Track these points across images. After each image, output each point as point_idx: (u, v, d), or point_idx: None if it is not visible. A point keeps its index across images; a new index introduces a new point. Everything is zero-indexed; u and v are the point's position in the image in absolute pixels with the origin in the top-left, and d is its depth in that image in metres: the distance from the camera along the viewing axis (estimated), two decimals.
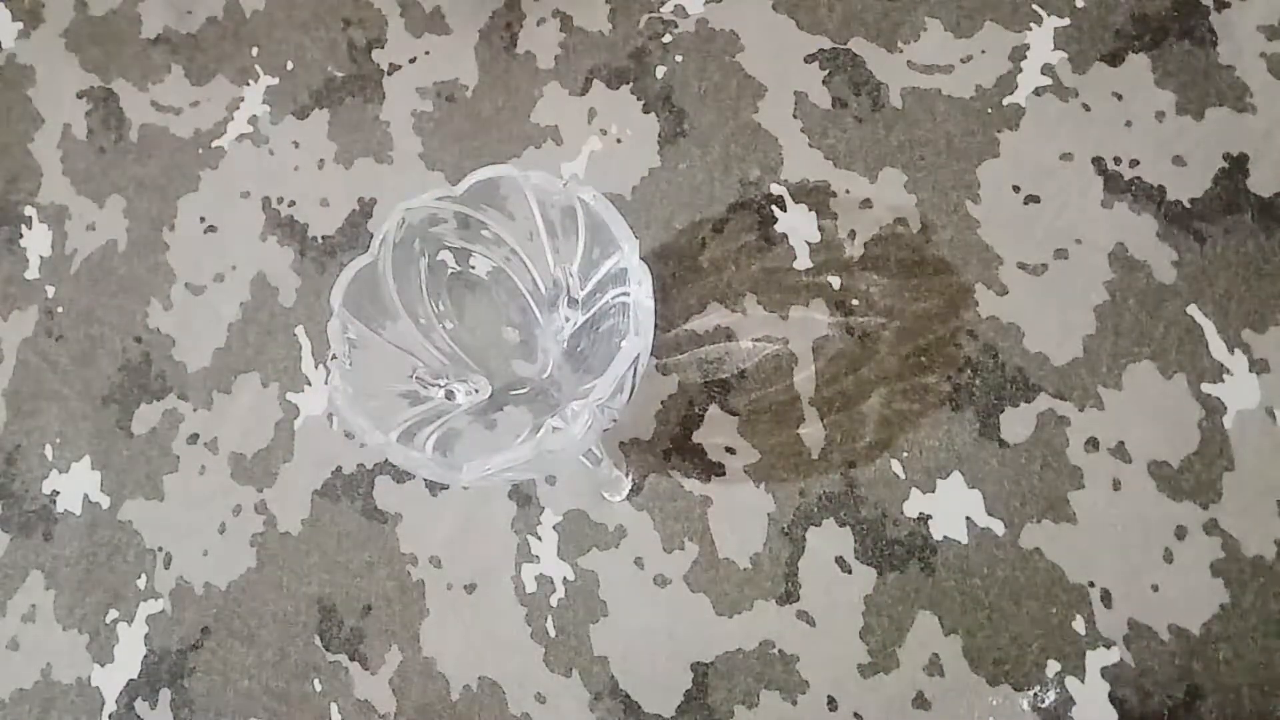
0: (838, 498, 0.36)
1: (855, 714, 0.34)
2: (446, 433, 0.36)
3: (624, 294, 0.34)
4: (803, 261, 0.39)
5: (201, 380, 0.44)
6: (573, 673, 0.37)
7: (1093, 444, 0.35)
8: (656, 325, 0.39)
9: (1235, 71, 0.37)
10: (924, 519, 0.35)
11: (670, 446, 0.38)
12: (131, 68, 0.51)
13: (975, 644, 0.34)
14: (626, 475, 0.38)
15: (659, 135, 0.42)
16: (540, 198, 0.35)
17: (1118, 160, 0.38)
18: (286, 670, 0.40)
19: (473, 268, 0.38)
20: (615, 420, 0.33)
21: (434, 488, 0.40)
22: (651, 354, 0.39)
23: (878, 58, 0.41)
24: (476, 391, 0.39)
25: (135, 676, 0.41)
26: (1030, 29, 0.40)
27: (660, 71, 0.43)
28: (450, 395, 0.38)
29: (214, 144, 0.48)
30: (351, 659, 0.39)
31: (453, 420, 0.37)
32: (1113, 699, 0.33)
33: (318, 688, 0.39)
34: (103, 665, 0.42)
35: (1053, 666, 0.33)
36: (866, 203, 0.39)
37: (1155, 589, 0.33)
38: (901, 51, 0.41)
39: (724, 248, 0.40)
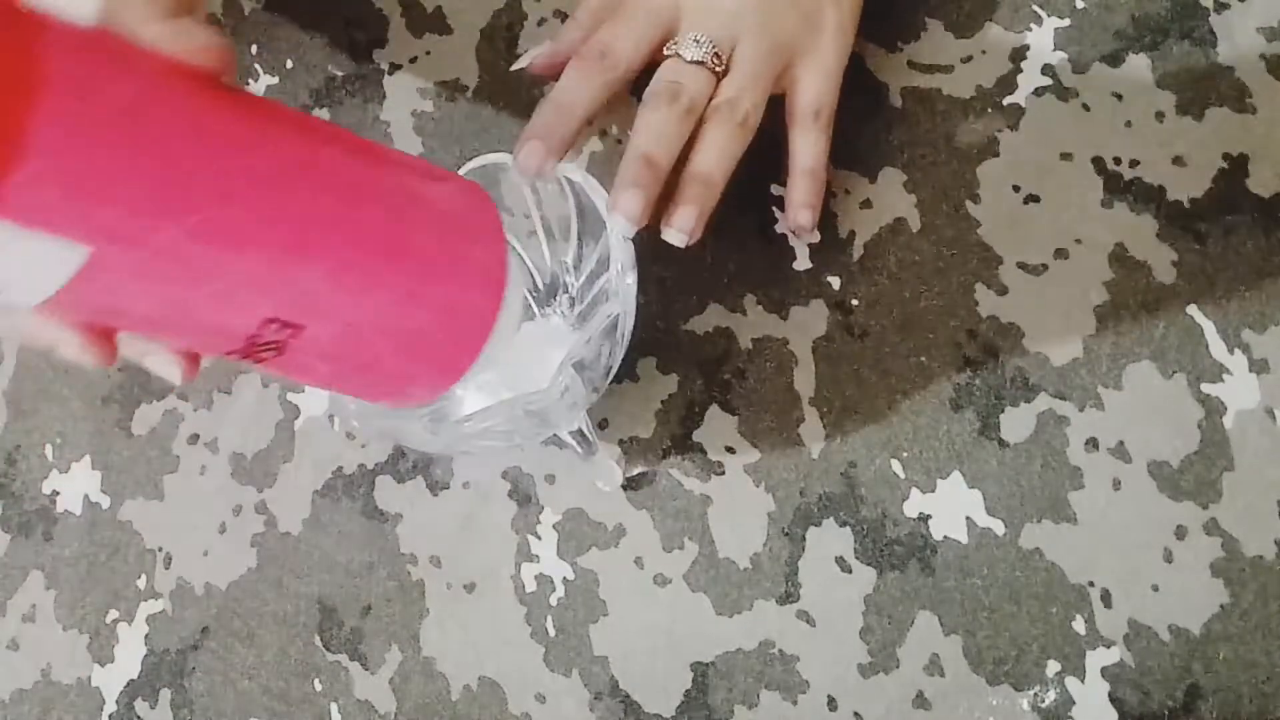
0: (838, 498, 0.36)
1: (855, 714, 0.34)
2: (436, 418, 0.36)
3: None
4: (803, 262, 0.39)
5: (201, 380, 0.44)
6: (573, 673, 0.37)
7: (1093, 444, 0.35)
8: (656, 325, 0.39)
9: (1235, 72, 0.37)
10: (924, 519, 0.35)
11: (670, 446, 0.38)
12: None
13: (975, 644, 0.34)
14: (619, 464, 0.38)
15: None
16: (535, 190, 0.36)
17: (1118, 160, 0.38)
18: (286, 670, 0.40)
19: None
20: (597, 390, 0.33)
21: (434, 487, 0.40)
22: (651, 354, 0.39)
23: (878, 58, 0.41)
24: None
25: (135, 676, 0.41)
26: (1030, 29, 0.40)
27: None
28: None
29: None
30: (351, 659, 0.39)
31: (445, 407, 0.37)
32: (1113, 699, 0.33)
33: (318, 688, 0.39)
34: (103, 665, 0.42)
35: (1053, 666, 0.33)
36: (866, 203, 0.39)
37: (1155, 589, 0.33)
38: (901, 51, 0.41)
39: (724, 248, 0.40)
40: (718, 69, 0.35)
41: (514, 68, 0.39)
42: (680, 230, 0.34)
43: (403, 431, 0.33)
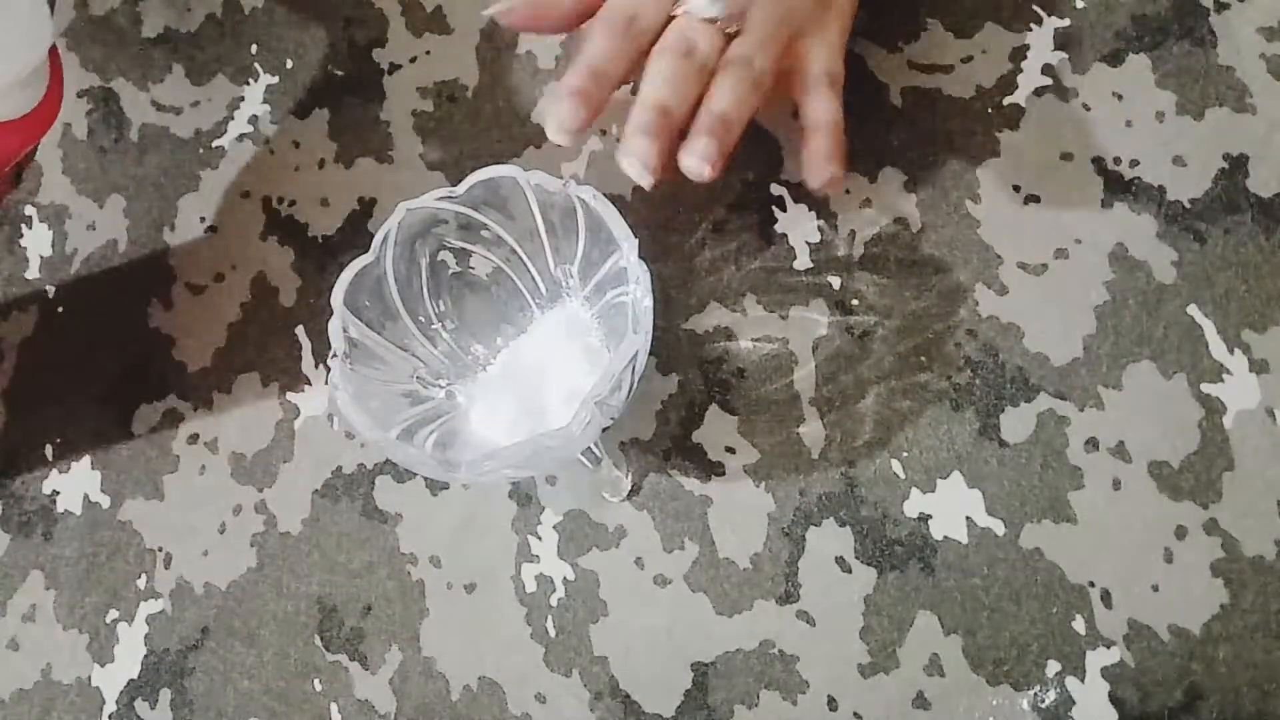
0: (838, 498, 0.36)
1: (855, 714, 0.34)
2: (446, 431, 0.36)
3: (624, 294, 0.34)
4: (803, 261, 0.39)
5: (201, 380, 0.44)
6: (573, 673, 0.37)
7: (1093, 444, 0.35)
8: (656, 325, 0.39)
9: (1235, 72, 0.38)
10: (924, 519, 0.35)
11: (670, 446, 0.38)
12: (131, 67, 0.51)
13: (975, 644, 0.34)
14: (626, 475, 0.38)
15: None
16: (540, 198, 0.35)
17: (1118, 160, 0.38)
18: (286, 670, 0.40)
19: (472, 268, 0.38)
20: (614, 419, 0.33)
21: (434, 487, 0.40)
22: (651, 354, 0.39)
23: (878, 58, 0.41)
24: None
25: (135, 676, 0.41)
26: (1030, 29, 0.40)
27: None
28: (451, 395, 0.38)
29: (214, 144, 0.48)
30: (351, 659, 0.39)
31: (453, 420, 0.37)
32: (1113, 699, 0.33)
33: (318, 688, 0.39)
34: (103, 665, 0.42)
35: (1053, 666, 0.33)
36: (866, 203, 0.39)
37: (1155, 589, 0.33)
38: (901, 51, 0.41)
39: (724, 248, 0.40)
40: (729, 30, 0.34)
41: (486, 12, 0.38)
42: (702, 157, 0.32)
43: (419, 465, 0.33)
